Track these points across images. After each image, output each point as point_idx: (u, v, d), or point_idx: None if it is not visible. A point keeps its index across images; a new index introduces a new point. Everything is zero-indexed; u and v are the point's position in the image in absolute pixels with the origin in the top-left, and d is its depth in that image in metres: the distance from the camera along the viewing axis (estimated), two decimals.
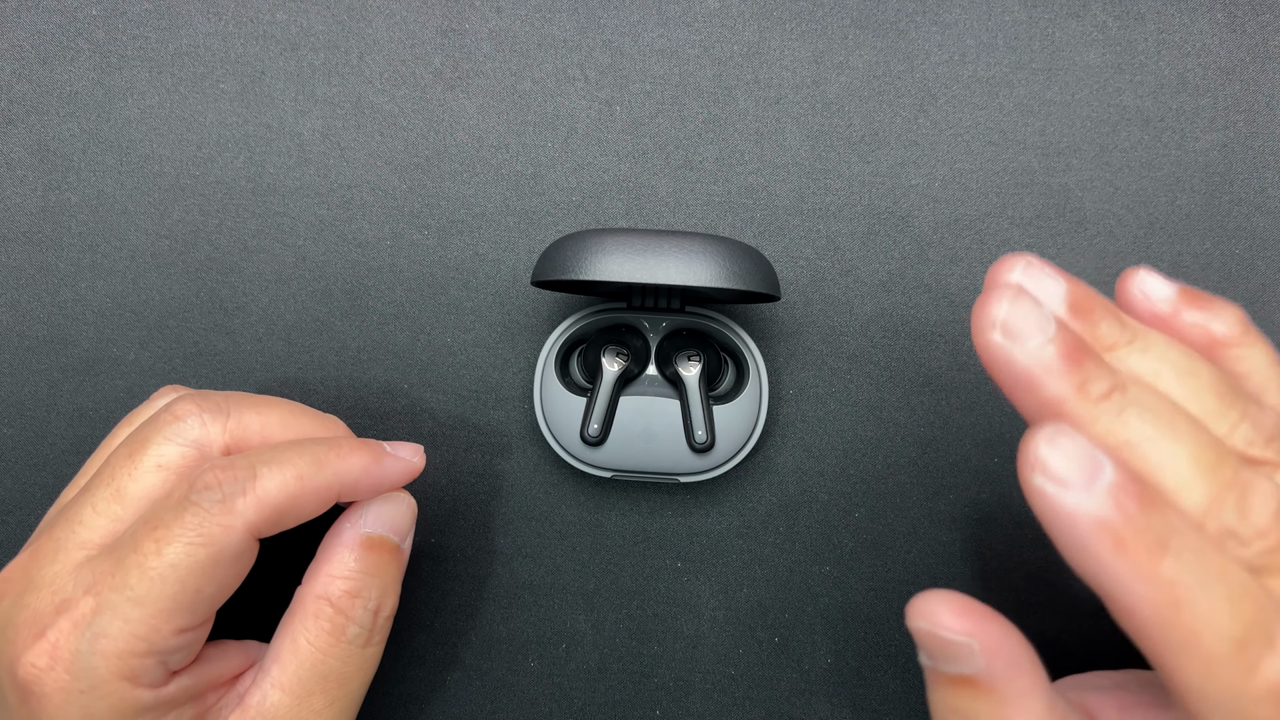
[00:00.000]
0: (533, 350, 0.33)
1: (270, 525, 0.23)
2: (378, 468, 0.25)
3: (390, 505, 0.26)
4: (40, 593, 0.22)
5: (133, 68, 0.34)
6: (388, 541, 0.26)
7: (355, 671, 0.25)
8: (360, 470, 0.25)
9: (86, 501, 0.24)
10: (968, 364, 0.33)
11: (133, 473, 0.24)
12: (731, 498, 0.33)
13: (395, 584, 0.26)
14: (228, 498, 0.22)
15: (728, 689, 0.32)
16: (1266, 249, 0.33)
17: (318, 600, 0.24)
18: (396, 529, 0.26)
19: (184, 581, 0.21)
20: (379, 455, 0.25)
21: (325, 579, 0.24)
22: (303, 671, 0.24)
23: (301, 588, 0.25)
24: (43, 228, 0.34)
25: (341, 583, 0.24)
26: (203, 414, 0.25)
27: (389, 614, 0.26)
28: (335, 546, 0.25)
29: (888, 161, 0.34)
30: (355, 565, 0.25)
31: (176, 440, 0.24)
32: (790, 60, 0.34)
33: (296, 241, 0.34)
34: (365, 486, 0.25)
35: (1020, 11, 0.34)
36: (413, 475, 0.26)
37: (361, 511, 0.26)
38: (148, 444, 0.24)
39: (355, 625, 0.24)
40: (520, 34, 0.34)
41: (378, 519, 0.26)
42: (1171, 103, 0.34)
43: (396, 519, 0.26)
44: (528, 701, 0.32)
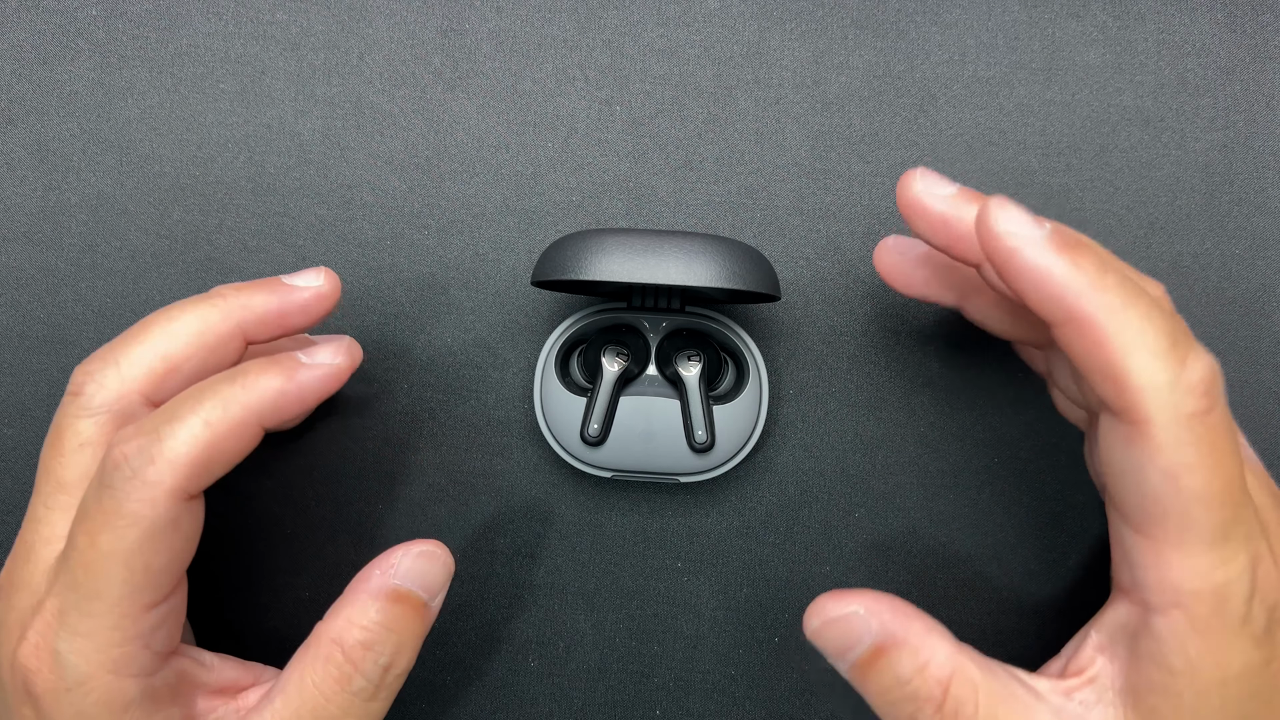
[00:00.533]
0: (533, 350, 0.33)
1: (195, 481, 0.22)
2: (294, 386, 0.24)
3: (425, 562, 0.25)
4: (21, 594, 0.23)
5: (133, 68, 0.34)
6: (415, 598, 0.24)
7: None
8: (275, 394, 0.23)
9: (39, 501, 0.24)
10: (968, 364, 0.33)
11: (61, 460, 0.24)
12: (731, 498, 0.33)
13: (414, 642, 0.24)
14: (137, 471, 0.21)
15: (728, 689, 0.32)
16: (1266, 249, 0.33)
17: (331, 644, 0.23)
18: (427, 586, 0.25)
19: (127, 565, 0.21)
20: (292, 371, 0.24)
21: (344, 624, 0.24)
22: (303, 712, 0.23)
23: (321, 624, 0.24)
24: (43, 228, 0.34)
25: (358, 632, 0.23)
26: (93, 376, 0.24)
27: (401, 672, 0.24)
28: (359, 592, 0.24)
29: (888, 161, 0.34)
30: (376, 617, 0.24)
31: (84, 414, 0.24)
32: (790, 60, 0.34)
33: (296, 241, 0.34)
34: (286, 409, 0.24)
35: (1020, 11, 0.34)
36: (339, 379, 0.25)
37: (395, 562, 0.24)
38: (63, 429, 0.24)
39: (362, 678, 0.23)
40: (520, 34, 0.34)
41: (409, 573, 0.24)
42: (1171, 103, 0.34)
43: (430, 575, 0.25)
44: (528, 701, 0.32)
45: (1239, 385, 0.33)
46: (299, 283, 0.26)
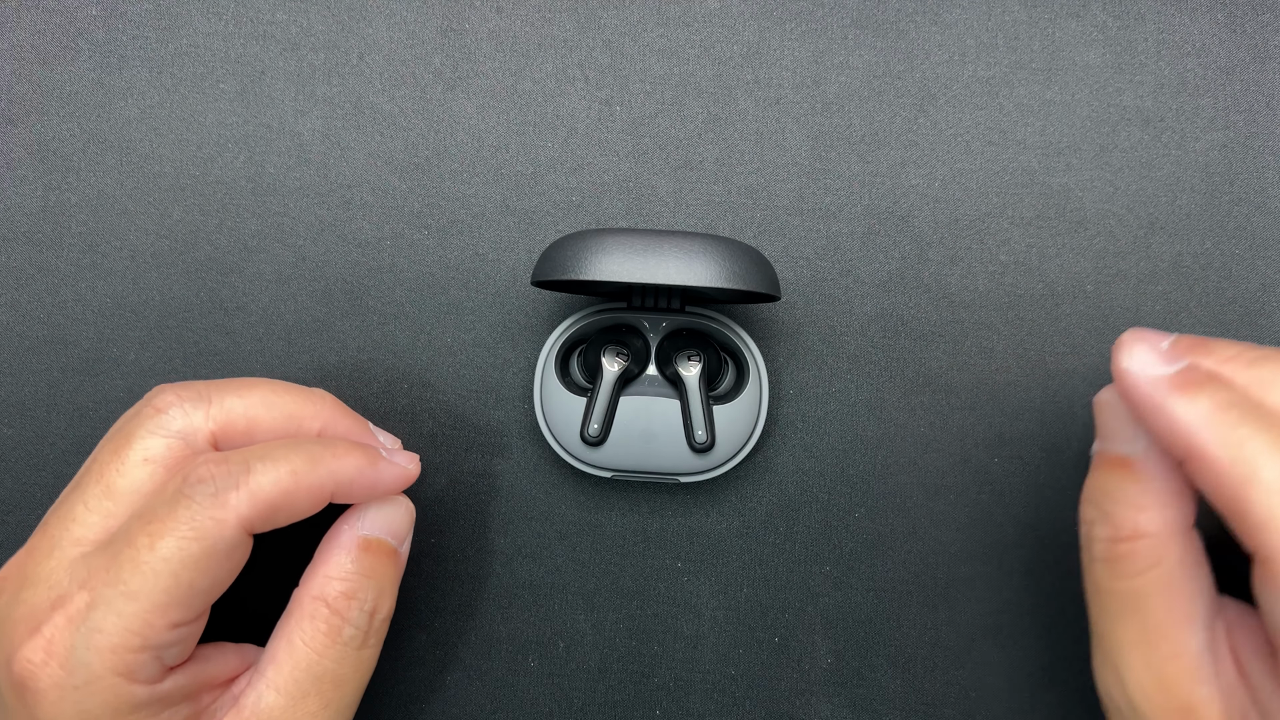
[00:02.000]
0: (533, 350, 0.33)
1: (263, 520, 0.23)
2: (372, 470, 0.25)
3: (389, 509, 0.26)
4: (36, 589, 0.22)
5: (133, 68, 0.34)
6: (385, 544, 0.26)
7: (351, 673, 0.25)
8: (355, 471, 0.25)
9: (78, 499, 0.24)
10: (968, 364, 0.33)
11: (120, 468, 0.24)
12: (731, 498, 0.33)
13: (392, 587, 0.26)
14: (220, 491, 0.22)
15: (728, 689, 0.32)
16: (1266, 249, 0.33)
17: (314, 601, 0.24)
18: (394, 532, 0.26)
19: (177, 575, 0.21)
20: (374, 459, 0.25)
21: (322, 580, 0.24)
22: (298, 673, 0.24)
23: (298, 590, 0.25)
24: (43, 228, 0.34)
25: (338, 584, 0.24)
26: (183, 403, 0.25)
27: (385, 616, 0.25)
28: (333, 548, 0.25)
29: (888, 161, 0.34)
30: (352, 567, 0.25)
31: (160, 433, 0.24)
32: (790, 60, 0.34)
33: (296, 241, 0.34)
34: (359, 488, 0.25)
35: (1020, 11, 0.34)
36: (407, 482, 0.26)
37: (360, 514, 0.26)
38: (132, 439, 0.24)
39: (351, 626, 0.24)
40: (520, 34, 0.34)
41: (375, 522, 0.26)
42: (1171, 103, 0.34)
43: (394, 522, 0.26)
44: (527, 701, 0.32)
45: None
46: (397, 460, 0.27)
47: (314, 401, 0.27)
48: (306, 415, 0.26)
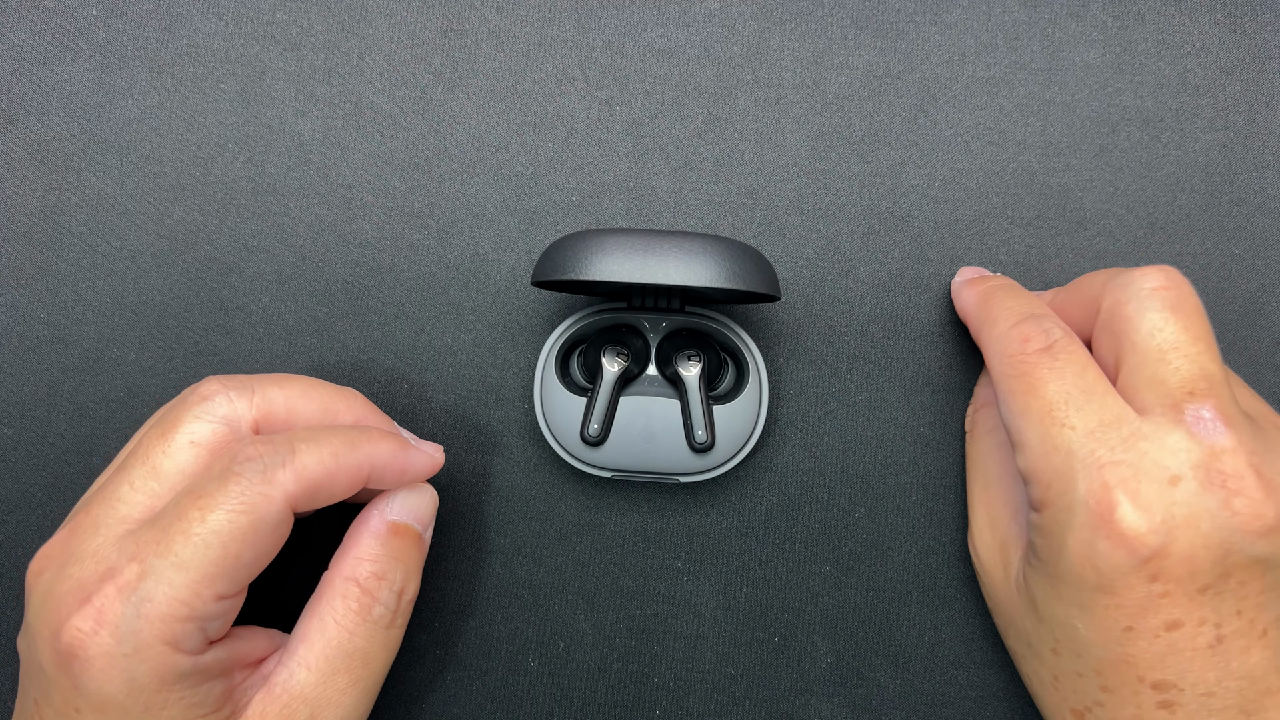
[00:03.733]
0: (533, 350, 0.33)
1: (307, 498, 0.24)
2: (404, 455, 0.27)
3: (414, 496, 0.27)
4: (84, 563, 0.23)
5: (133, 68, 0.34)
6: (411, 529, 0.27)
7: (379, 651, 0.26)
8: (389, 455, 0.26)
9: (123, 480, 0.24)
10: (968, 364, 0.33)
11: (166, 450, 0.25)
12: (731, 498, 0.33)
13: (417, 569, 0.27)
14: (269, 469, 0.23)
15: (728, 689, 0.32)
16: (1266, 249, 0.33)
17: (345, 581, 0.25)
18: (420, 518, 0.27)
19: (226, 547, 0.22)
20: (405, 445, 0.27)
21: (353, 561, 0.26)
22: (329, 650, 0.25)
23: (329, 572, 0.26)
24: (43, 228, 0.34)
25: (368, 565, 0.26)
26: (228, 391, 0.26)
27: (411, 597, 0.27)
28: (362, 532, 0.26)
29: (888, 161, 0.34)
30: (381, 549, 0.26)
31: (206, 418, 0.25)
32: (790, 60, 0.34)
33: (296, 241, 0.34)
34: (392, 472, 0.26)
35: (1020, 11, 0.34)
36: (435, 468, 0.28)
37: (388, 500, 0.27)
38: (179, 423, 0.25)
39: (380, 605, 0.25)
40: (520, 34, 0.34)
41: (403, 507, 0.27)
42: (1171, 103, 0.34)
43: (420, 508, 0.27)
44: (527, 701, 0.32)
45: None
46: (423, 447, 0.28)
47: (347, 397, 0.28)
48: (341, 408, 0.27)
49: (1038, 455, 0.25)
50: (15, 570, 0.33)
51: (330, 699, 0.24)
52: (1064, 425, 0.24)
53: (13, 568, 0.33)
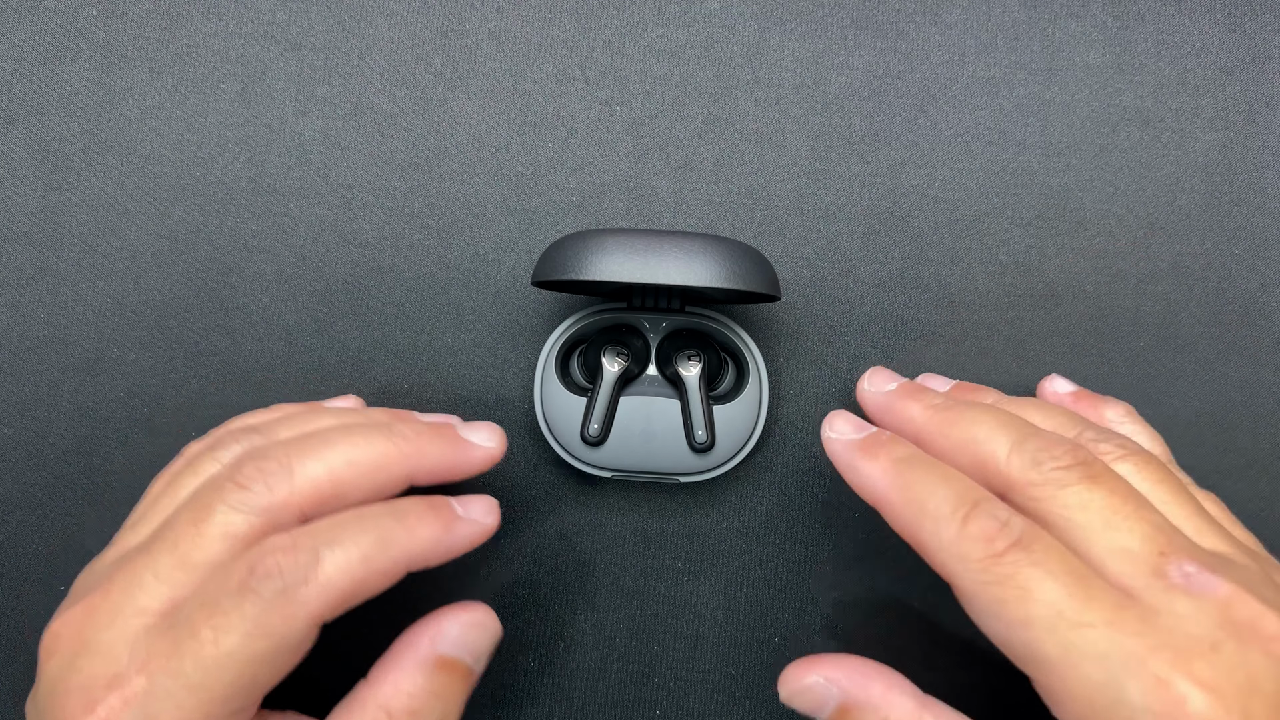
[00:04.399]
0: (533, 350, 0.33)
1: (335, 611, 0.22)
2: (448, 538, 0.24)
3: (475, 632, 0.25)
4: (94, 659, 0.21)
5: (133, 68, 0.34)
6: (462, 665, 0.24)
7: None
8: (429, 544, 0.24)
9: (148, 566, 0.23)
10: (968, 364, 0.33)
11: (198, 541, 0.23)
12: (731, 498, 0.33)
13: (459, 707, 0.24)
14: (289, 588, 0.21)
15: (728, 689, 0.32)
16: (1266, 249, 0.33)
17: (378, 710, 0.23)
18: (474, 652, 0.25)
19: (241, 671, 0.21)
20: (450, 523, 0.24)
21: (391, 690, 0.23)
22: None
23: (363, 688, 0.24)
24: (43, 228, 0.34)
25: (405, 699, 0.23)
26: (267, 479, 0.24)
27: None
28: (406, 657, 0.24)
29: (888, 161, 0.34)
30: (424, 684, 0.23)
31: (243, 509, 0.23)
32: (790, 60, 0.34)
33: (296, 241, 0.34)
34: (434, 558, 0.24)
35: (1020, 11, 0.34)
36: (485, 537, 0.25)
37: (443, 628, 0.24)
38: (213, 511, 0.23)
39: None
40: (520, 34, 0.34)
41: (459, 643, 0.24)
42: (1171, 103, 0.34)
43: (478, 645, 0.25)
44: (528, 701, 0.32)
45: (1239, 385, 0.33)
46: (474, 439, 0.26)
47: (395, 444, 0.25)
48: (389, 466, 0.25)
49: (1065, 668, 0.21)
50: (15, 571, 0.33)
51: None
52: (1081, 625, 0.21)
53: (13, 568, 0.33)
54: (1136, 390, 0.33)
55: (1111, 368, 0.33)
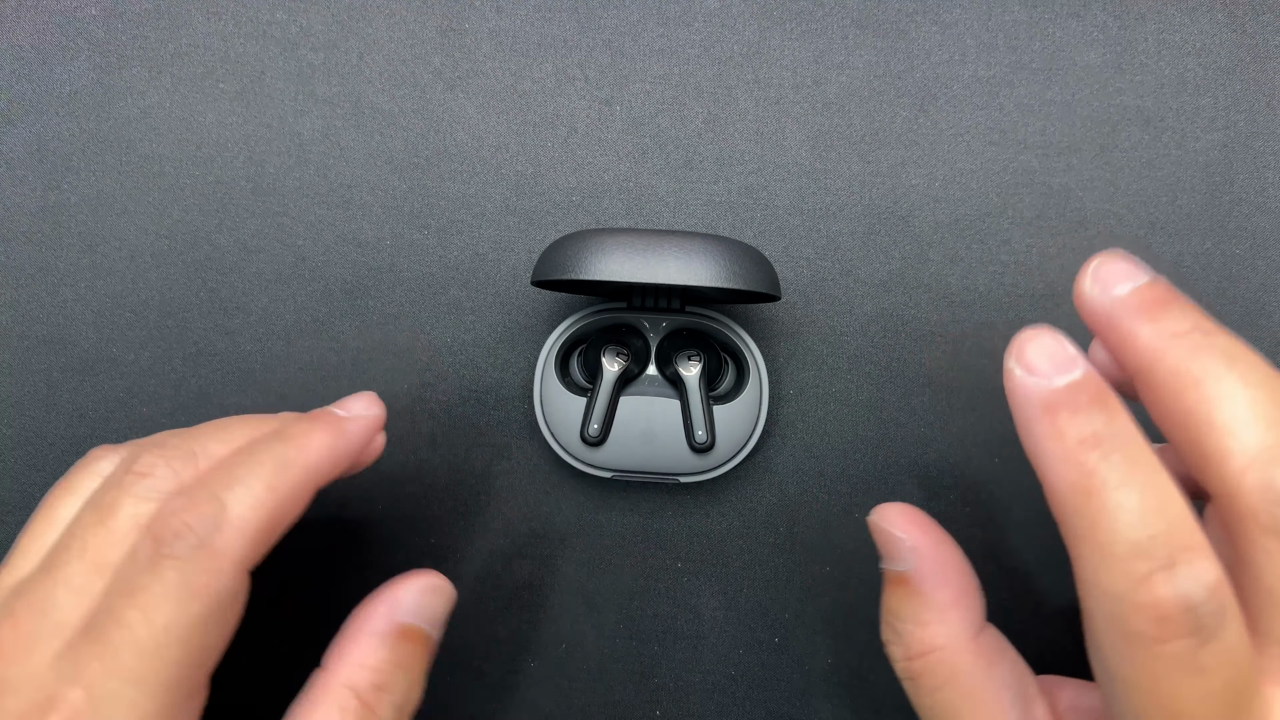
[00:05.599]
0: (533, 350, 0.33)
1: (259, 550, 0.21)
2: (343, 441, 0.24)
3: (430, 597, 0.24)
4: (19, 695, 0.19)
5: (133, 67, 0.34)
6: (421, 632, 0.24)
7: None
8: (325, 452, 0.23)
9: (56, 582, 0.21)
10: (968, 364, 0.33)
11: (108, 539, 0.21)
12: (731, 498, 0.33)
13: (423, 676, 0.24)
14: (204, 541, 0.20)
15: (728, 689, 0.32)
16: (1267, 249, 0.33)
17: (343, 690, 0.22)
18: (431, 620, 0.24)
19: (184, 644, 0.20)
20: (335, 425, 0.24)
21: (354, 668, 0.22)
22: None
23: (323, 674, 0.23)
24: (42, 227, 0.34)
25: (370, 674, 0.22)
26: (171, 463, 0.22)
27: (413, 709, 0.23)
28: (364, 633, 0.23)
29: (888, 161, 0.34)
30: (386, 655, 0.23)
31: (151, 496, 0.22)
32: (790, 60, 0.34)
33: (296, 241, 0.34)
34: (340, 464, 0.24)
35: (1020, 11, 0.34)
36: (377, 427, 0.25)
37: (398, 598, 0.24)
38: (118, 507, 0.21)
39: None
40: (520, 34, 0.34)
41: (415, 610, 0.24)
42: (1171, 103, 0.34)
43: (434, 610, 0.24)
44: (528, 702, 0.32)
45: None
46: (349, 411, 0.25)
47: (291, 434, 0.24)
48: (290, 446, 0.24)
49: None
50: None
51: None
52: None
53: None
54: None
55: None
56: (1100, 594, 0.18)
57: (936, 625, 0.23)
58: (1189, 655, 0.17)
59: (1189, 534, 0.17)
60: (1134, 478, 0.18)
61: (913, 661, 0.23)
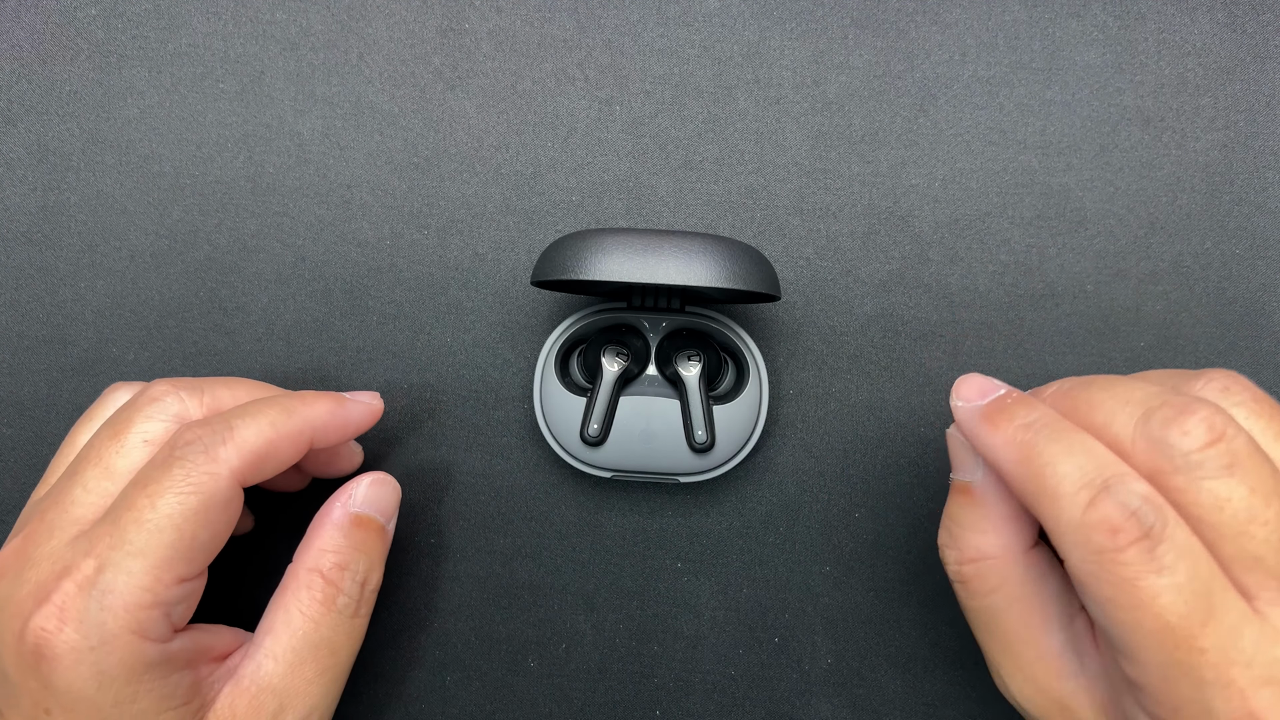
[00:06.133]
0: (533, 350, 0.33)
1: (253, 471, 0.25)
2: (342, 411, 0.28)
3: (376, 488, 0.28)
4: (40, 566, 0.23)
5: (133, 68, 0.34)
6: (374, 520, 0.27)
7: (345, 640, 0.26)
8: (326, 414, 0.27)
9: (75, 483, 0.25)
10: (968, 364, 0.33)
11: (120, 449, 0.25)
12: (731, 498, 0.33)
13: (380, 560, 0.27)
14: (210, 448, 0.24)
15: (728, 689, 0.32)
16: (1266, 249, 0.33)
17: (309, 573, 0.26)
18: (382, 510, 0.28)
19: (180, 529, 0.23)
20: (340, 401, 0.28)
21: (316, 553, 0.26)
22: (295, 640, 0.25)
23: (293, 565, 0.26)
24: (42, 228, 0.34)
25: (331, 556, 0.26)
26: (179, 391, 0.26)
27: (375, 587, 0.27)
28: (325, 524, 0.27)
29: (888, 161, 0.34)
30: (344, 540, 0.26)
31: (159, 417, 0.26)
32: (790, 60, 0.34)
33: (296, 241, 0.34)
34: (334, 429, 0.27)
35: (1020, 11, 0.34)
36: (374, 417, 0.29)
37: (350, 492, 0.27)
38: (131, 423, 0.25)
39: (344, 595, 0.26)
40: (520, 34, 0.34)
41: (365, 500, 0.27)
42: (1171, 103, 0.34)
43: (382, 501, 0.28)
44: (528, 702, 0.32)
45: None
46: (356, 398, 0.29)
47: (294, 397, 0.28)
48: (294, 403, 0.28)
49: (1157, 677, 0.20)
50: None
51: (298, 689, 0.25)
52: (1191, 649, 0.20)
53: None
54: None
55: (1112, 368, 0.33)
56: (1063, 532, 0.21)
57: (992, 535, 0.25)
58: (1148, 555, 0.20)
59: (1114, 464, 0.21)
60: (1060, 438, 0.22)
61: (964, 566, 0.26)
